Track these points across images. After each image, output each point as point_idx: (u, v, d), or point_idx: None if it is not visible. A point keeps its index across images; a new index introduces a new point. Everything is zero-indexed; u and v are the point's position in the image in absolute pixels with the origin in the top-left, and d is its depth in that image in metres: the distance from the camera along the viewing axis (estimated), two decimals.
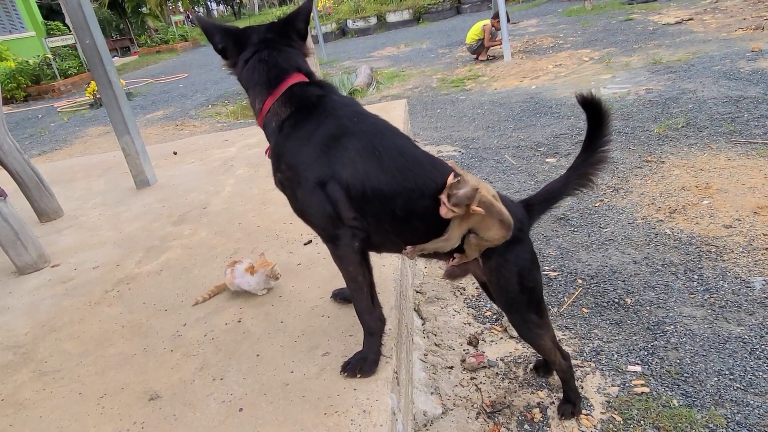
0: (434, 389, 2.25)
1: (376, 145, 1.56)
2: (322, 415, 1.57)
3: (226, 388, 1.76)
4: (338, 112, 1.60)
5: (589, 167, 1.82)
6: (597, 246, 3.11)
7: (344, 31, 17.50)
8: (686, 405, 2.01)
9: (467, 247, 1.69)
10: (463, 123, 5.94)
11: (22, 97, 14.63)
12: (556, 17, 11.93)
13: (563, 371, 1.98)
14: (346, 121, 1.58)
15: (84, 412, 1.76)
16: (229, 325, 2.10)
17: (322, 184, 1.55)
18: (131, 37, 26.51)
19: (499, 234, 1.65)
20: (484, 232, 1.65)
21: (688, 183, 3.56)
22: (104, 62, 3.54)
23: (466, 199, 1.55)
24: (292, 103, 1.61)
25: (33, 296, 2.61)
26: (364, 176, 1.53)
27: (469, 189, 1.55)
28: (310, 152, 1.57)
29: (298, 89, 1.62)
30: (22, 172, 3.38)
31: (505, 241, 1.68)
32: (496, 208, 1.64)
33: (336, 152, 1.54)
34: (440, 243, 1.66)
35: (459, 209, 1.56)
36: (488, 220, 1.62)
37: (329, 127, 1.57)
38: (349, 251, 1.61)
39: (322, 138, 1.56)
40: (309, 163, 1.57)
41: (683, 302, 2.54)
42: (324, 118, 1.59)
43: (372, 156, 1.55)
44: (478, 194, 1.56)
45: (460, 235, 1.65)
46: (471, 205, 1.56)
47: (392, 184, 1.56)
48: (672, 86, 5.57)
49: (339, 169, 1.53)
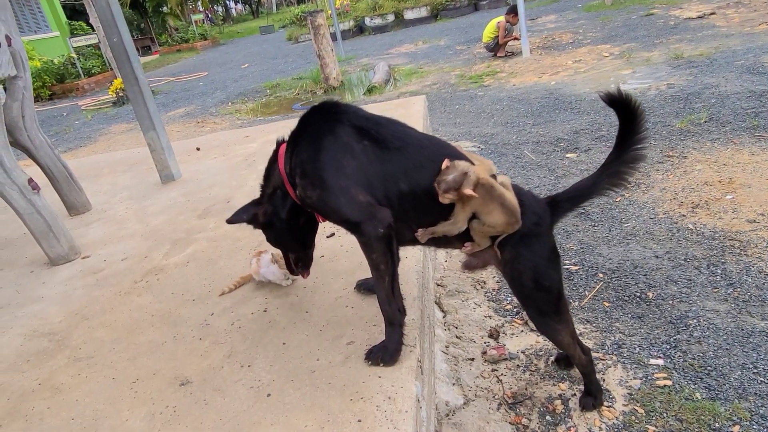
0: (456, 380, 2.28)
1: (377, 134, 1.70)
2: (348, 401, 1.61)
3: (254, 375, 1.81)
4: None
5: (621, 165, 1.75)
6: (618, 240, 3.11)
7: (362, 28, 17.53)
8: (709, 398, 2.01)
9: (473, 233, 1.71)
10: (482, 119, 5.94)
11: (48, 96, 14.93)
12: (576, 13, 11.82)
13: (583, 366, 1.98)
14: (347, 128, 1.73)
15: (118, 396, 1.83)
16: (255, 315, 2.15)
17: (333, 174, 1.67)
18: (152, 37, 26.86)
19: (502, 219, 1.65)
20: (486, 217, 1.66)
21: (711, 178, 3.53)
22: (131, 59, 3.62)
23: (454, 184, 1.58)
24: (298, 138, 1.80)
25: (65, 286, 2.70)
26: (366, 161, 1.66)
27: (458, 174, 1.58)
28: (326, 156, 1.69)
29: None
30: (52, 166, 3.47)
31: (517, 232, 1.69)
32: (497, 192, 1.64)
33: (347, 153, 1.68)
34: (447, 226, 1.69)
35: (450, 194, 1.60)
36: (489, 203, 1.63)
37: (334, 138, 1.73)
38: (373, 238, 1.66)
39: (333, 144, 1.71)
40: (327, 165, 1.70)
41: (706, 296, 2.53)
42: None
43: (371, 144, 1.68)
44: (468, 178, 1.58)
45: (464, 218, 1.67)
46: (461, 190, 1.58)
47: (394, 166, 1.67)
48: (694, 81, 5.50)
49: (341, 159, 1.67)
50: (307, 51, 14.57)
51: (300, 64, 12.90)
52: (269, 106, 9.15)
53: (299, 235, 1.95)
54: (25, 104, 3.34)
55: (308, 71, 10.88)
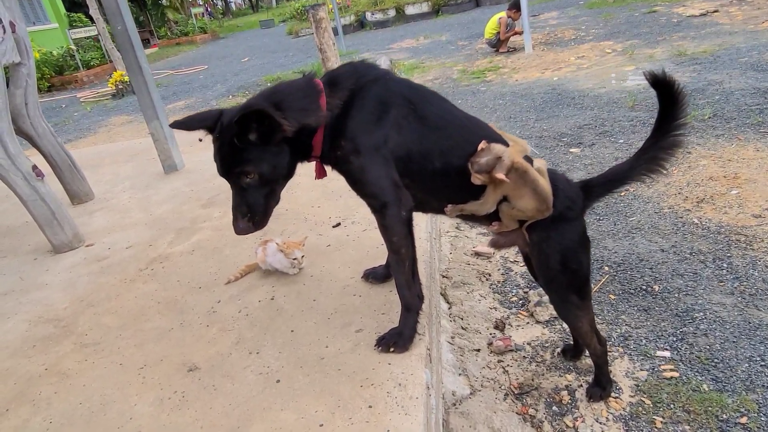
0: (462, 370, 2.28)
1: (419, 110, 1.68)
2: (359, 387, 1.61)
3: (263, 361, 1.80)
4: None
5: (659, 151, 1.73)
6: (623, 234, 3.11)
7: (363, 23, 17.46)
8: (717, 390, 2.01)
9: (502, 215, 1.72)
10: (485, 114, 5.92)
11: (46, 88, 14.85)
12: (578, 9, 11.80)
13: (597, 356, 1.98)
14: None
15: (125, 381, 1.82)
16: (262, 303, 2.15)
17: (377, 148, 1.64)
18: (151, 30, 26.70)
19: (532, 205, 1.66)
20: (516, 201, 1.67)
21: (716, 173, 3.52)
22: (135, 48, 3.60)
23: (486, 167, 1.60)
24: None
25: (70, 273, 2.68)
26: (408, 138, 1.65)
27: (491, 157, 1.60)
28: (379, 128, 1.66)
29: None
30: (55, 155, 3.46)
31: (548, 216, 1.69)
32: (530, 177, 1.64)
33: (384, 120, 1.65)
34: (476, 206, 1.71)
35: (482, 176, 1.62)
36: (521, 188, 1.64)
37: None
38: (395, 221, 1.67)
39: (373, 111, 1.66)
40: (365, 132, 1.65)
41: (712, 290, 2.53)
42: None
43: (415, 119, 1.67)
44: (501, 162, 1.59)
45: (494, 200, 1.68)
46: (492, 173, 1.60)
47: (432, 144, 1.67)
48: (698, 78, 5.50)
49: (388, 133, 1.64)
50: (307, 45, 14.52)
51: (301, 58, 12.85)
52: None
53: (291, 174, 1.73)
54: (29, 92, 3.32)
55: (309, 65, 10.84)
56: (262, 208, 1.65)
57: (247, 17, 38.70)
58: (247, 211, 1.63)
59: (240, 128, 1.50)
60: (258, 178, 1.59)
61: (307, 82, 1.66)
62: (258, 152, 1.55)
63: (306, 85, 1.65)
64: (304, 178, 1.80)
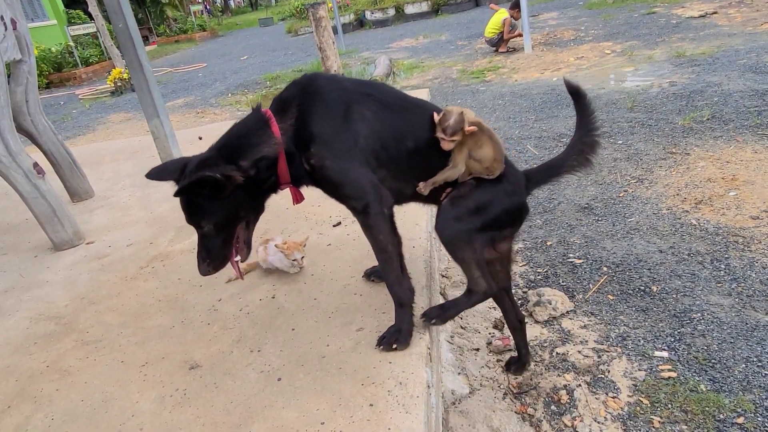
0: (461, 370, 2.29)
1: (379, 98, 1.77)
2: (359, 385, 1.62)
3: (264, 359, 1.81)
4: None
5: (584, 147, 1.93)
6: (622, 235, 3.12)
7: (362, 22, 17.46)
8: (714, 390, 2.02)
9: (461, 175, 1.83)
10: (484, 114, 5.93)
11: (45, 85, 14.82)
12: (577, 10, 11.81)
13: (471, 291, 1.86)
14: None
15: (127, 378, 1.83)
16: (263, 301, 2.15)
17: (349, 148, 1.70)
18: (150, 27, 26.65)
19: (491, 154, 1.77)
20: (477, 151, 1.78)
21: (714, 175, 3.54)
22: (136, 46, 3.61)
23: (458, 125, 1.72)
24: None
25: (70, 271, 2.69)
26: (379, 127, 1.73)
27: (456, 116, 1.73)
28: (344, 126, 1.72)
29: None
30: (56, 152, 3.46)
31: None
32: (485, 126, 1.79)
33: (348, 118, 1.72)
34: (448, 172, 1.80)
35: (457, 136, 1.73)
36: (480, 137, 1.78)
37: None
38: (379, 219, 1.72)
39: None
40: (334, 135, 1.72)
41: (710, 291, 2.54)
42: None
43: (380, 108, 1.75)
44: (465, 117, 1.73)
45: (463, 159, 1.79)
46: (464, 128, 1.72)
47: (402, 126, 1.78)
48: (696, 79, 5.52)
49: (357, 129, 1.71)
50: (306, 44, 14.52)
51: (300, 57, 12.85)
52: (270, 97, 9.07)
53: (261, 208, 1.83)
54: (29, 89, 3.33)
55: (308, 64, 10.84)
56: (219, 254, 1.73)
57: (247, 15, 38.65)
58: (206, 256, 1.72)
59: (191, 191, 1.61)
60: (213, 227, 1.68)
61: (256, 116, 1.73)
62: (212, 206, 1.65)
63: (255, 120, 1.72)
64: None
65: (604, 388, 2.12)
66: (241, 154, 1.66)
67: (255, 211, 1.80)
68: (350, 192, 1.72)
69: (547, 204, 3.64)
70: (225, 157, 1.65)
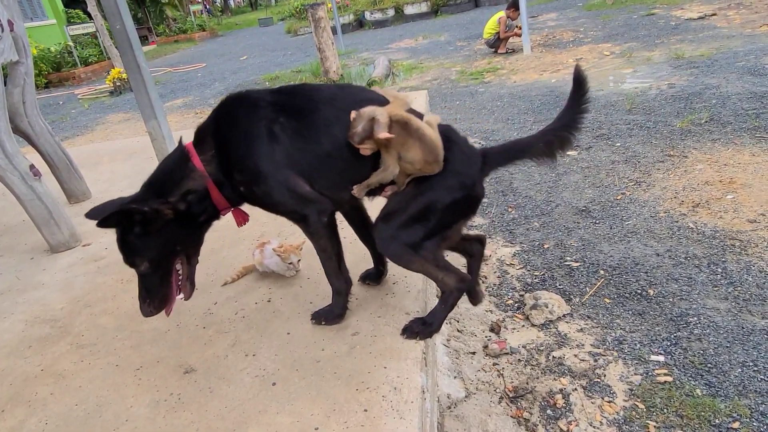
0: (457, 373, 2.29)
1: (293, 108, 1.73)
2: (354, 390, 1.62)
3: (259, 364, 1.81)
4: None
5: (556, 139, 1.84)
6: (619, 238, 3.12)
7: (362, 22, 17.45)
8: (710, 395, 2.02)
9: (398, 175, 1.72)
10: (483, 115, 5.94)
11: (43, 84, 14.81)
12: (576, 11, 11.82)
13: (449, 290, 1.85)
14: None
15: (122, 382, 1.83)
16: (259, 305, 2.15)
17: (275, 167, 1.69)
18: (149, 27, 26.64)
19: (420, 155, 1.64)
20: (405, 153, 1.66)
21: (712, 177, 3.54)
22: (133, 47, 3.59)
23: (365, 133, 1.60)
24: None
25: (66, 273, 2.68)
26: (299, 140, 1.70)
27: (365, 122, 1.60)
28: (261, 148, 1.70)
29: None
30: (53, 153, 3.45)
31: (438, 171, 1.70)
32: (413, 127, 1.65)
33: (267, 136, 1.69)
34: (381, 174, 1.70)
35: (368, 144, 1.62)
36: (407, 139, 1.64)
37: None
38: (318, 227, 1.78)
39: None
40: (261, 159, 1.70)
41: (707, 295, 2.54)
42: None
43: (295, 121, 1.71)
44: (378, 123, 1.59)
45: (394, 160, 1.68)
46: (375, 135, 1.59)
47: (323, 132, 1.71)
48: (695, 81, 5.52)
49: (276, 146, 1.68)
50: (306, 44, 14.51)
51: (299, 57, 12.84)
52: None
53: (200, 241, 1.86)
54: (26, 90, 3.32)
55: (308, 64, 10.83)
56: (158, 292, 1.72)
57: (246, 15, 38.63)
58: (146, 296, 1.71)
59: (120, 227, 1.62)
60: (149, 264, 1.67)
61: (178, 151, 1.76)
62: (144, 242, 1.64)
63: (178, 156, 1.75)
64: None
65: (600, 392, 2.12)
66: (168, 190, 1.68)
67: (192, 245, 1.82)
68: (285, 209, 1.77)
69: (545, 207, 3.64)
70: (154, 193, 1.68)
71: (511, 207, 3.74)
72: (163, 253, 1.69)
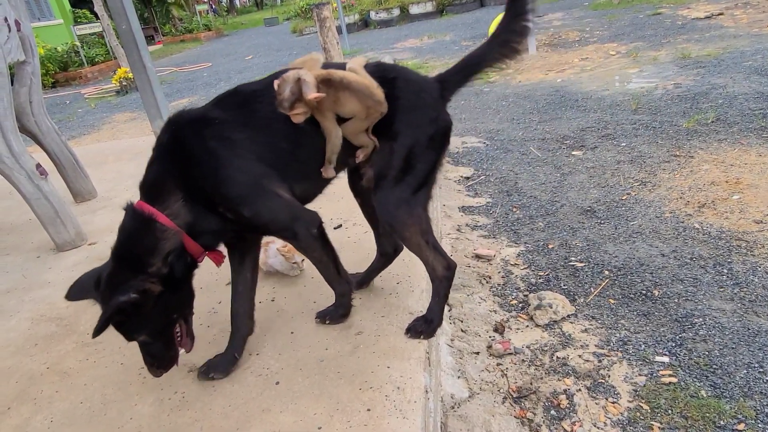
0: (461, 373, 2.29)
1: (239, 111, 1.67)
2: (357, 390, 1.62)
3: (263, 363, 1.81)
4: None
5: (510, 34, 1.79)
6: (624, 238, 3.11)
7: (367, 22, 17.45)
8: (715, 396, 2.01)
9: (348, 136, 1.66)
10: (488, 115, 5.93)
11: (50, 84, 14.90)
12: (582, 11, 11.78)
13: (438, 279, 1.86)
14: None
15: (126, 381, 1.84)
16: (263, 304, 2.16)
17: (255, 182, 1.63)
18: (155, 26, 26.73)
19: (357, 105, 1.59)
20: (342, 109, 1.60)
21: (718, 178, 3.53)
22: (139, 47, 3.62)
23: (293, 95, 1.53)
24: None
25: (72, 272, 2.70)
26: (256, 145, 1.64)
27: (292, 84, 1.52)
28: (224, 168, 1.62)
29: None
30: (59, 152, 3.47)
31: (396, 111, 1.65)
32: (337, 79, 1.58)
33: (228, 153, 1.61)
34: (330, 144, 1.65)
35: (299, 109, 1.55)
36: (337, 94, 1.58)
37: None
38: (309, 240, 1.73)
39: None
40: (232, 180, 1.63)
41: (712, 295, 2.53)
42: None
43: (247, 125, 1.65)
44: (305, 83, 1.52)
45: (333, 123, 1.61)
46: (305, 97, 1.52)
47: (272, 127, 1.65)
48: (701, 81, 5.49)
49: (246, 162, 1.62)
50: (311, 44, 14.52)
51: None
52: None
53: (192, 296, 1.75)
54: (33, 90, 3.34)
55: None
56: (164, 356, 1.65)
57: (252, 15, 38.72)
58: (153, 362, 1.64)
59: (112, 318, 1.50)
60: (150, 336, 1.60)
61: (136, 217, 1.61)
62: (140, 321, 1.56)
63: (138, 222, 1.60)
64: None
65: (604, 392, 2.12)
66: (145, 261, 1.55)
67: (187, 304, 1.72)
68: (274, 228, 1.72)
69: (549, 206, 3.63)
70: (130, 269, 1.54)
71: (515, 207, 3.73)
72: (162, 324, 1.62)
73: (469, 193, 4.10)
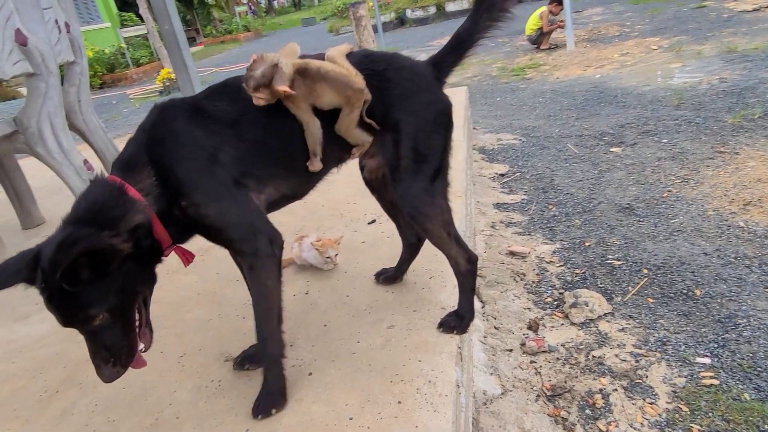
0: (493, 370, 2.27)
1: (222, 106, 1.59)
2: (389, 383, 1.63)
3: (296, 354, 1.85)
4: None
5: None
6: (664, 236, 3.03)
7: (402, 20, 17.45)
8: (759, 399, 1.94)
9: (339, 131, 1.61)
10: (524, 111, 5.85)
11: (98, 85, 15.48)
12: (623, 5, 11.48)
13: (461, 273, 1.82)
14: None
15: (166, 369, 1.90)
16: (297, 297, 2.19)
17: (223, 184, 1.53)
18: (197, 28, 27.39)
19: (336, 97, 1.52)
20: (320, 100, 1.53)
21: (765, 175, 3.39)
22: (181, 47, 3.72)
23: (263, 78, 1.44)
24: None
25: None
26: (244, 140, 1.56)
27: (266, 67, 1.44)
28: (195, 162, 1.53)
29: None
30: (105, 149, 3.61)
31: (389, 99, 1.61)
32: (313, 69, 1.51)
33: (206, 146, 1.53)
34: (309, 136, 1.57)
35: (262, 93, 1.47)
36: (315, 85, 1.51)
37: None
38: (269, 263, 1.57)
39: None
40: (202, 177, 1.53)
41: (757, 296, 2.44)
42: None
43: (229, 119, 1.57)
44: (280, 71, 1.44)
45: (308, 113, 1.53)
46: (272, 86, 1.44)
47: (256, 121, 1.58)
48: (748, 75, 5.28)
49: (222, 155, 1.53)
50: (348, 43, 14.61)
51: None
52: None
53: (155, 279, 1.57)
54: (81, 89, 3.48)
55: None
56: (124, 345, 1.41)
57: (290, 15, 39.26)
58: (109, 356, 1.38)
59: (67, 275, 1.25)
60: (109, 315, 1.35)
61: (104, 186, 1.45)
62: (97, 289, 1.32)
63: (105, 190, 1.43)
64: (340, 176, 1.83)
65: (642, 393, 2.07)
66: (111, 224, 1.36)
67: (150, 283, 1.53)
68: (236, 235, 1.55)
69: (587, 204, 3.56)
70: (93, 228, 1.33)
71: (551, 204, 3.68)
72: (126, 297, 1.39)
73: (504, 190, 4.06)
